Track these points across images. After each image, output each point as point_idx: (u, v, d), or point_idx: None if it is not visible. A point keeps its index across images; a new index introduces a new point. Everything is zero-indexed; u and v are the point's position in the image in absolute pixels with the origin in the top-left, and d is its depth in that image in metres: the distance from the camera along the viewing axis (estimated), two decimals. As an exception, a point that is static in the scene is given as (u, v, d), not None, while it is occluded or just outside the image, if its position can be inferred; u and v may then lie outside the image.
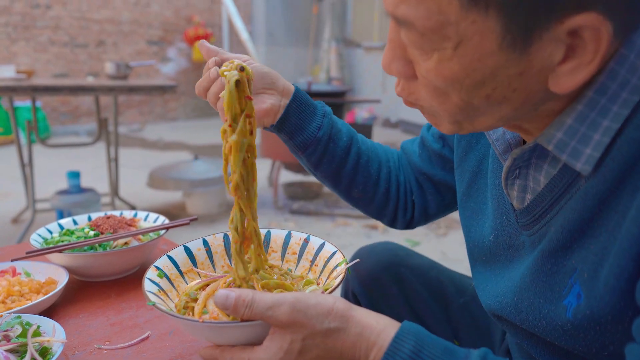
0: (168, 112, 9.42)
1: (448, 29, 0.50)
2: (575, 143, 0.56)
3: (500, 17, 0.47)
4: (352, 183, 0.96)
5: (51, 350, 0.75)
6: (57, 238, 1.12)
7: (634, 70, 0.52)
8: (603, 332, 0.56)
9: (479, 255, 0.79)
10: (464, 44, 0.50)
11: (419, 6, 0.49)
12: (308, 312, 0.61)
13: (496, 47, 0.49)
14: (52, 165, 5.27)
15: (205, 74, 0.84)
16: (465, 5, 0.47)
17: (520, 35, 0.48)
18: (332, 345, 0.62)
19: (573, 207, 0.59)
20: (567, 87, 0.51)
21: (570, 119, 0.55)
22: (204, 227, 3.61)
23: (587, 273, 0.57)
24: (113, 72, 3.60)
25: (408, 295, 1.06)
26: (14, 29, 7.50)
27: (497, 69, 0.51)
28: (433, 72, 0.54)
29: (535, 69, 0.51)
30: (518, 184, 0.67)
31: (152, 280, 0.79)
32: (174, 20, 9.15)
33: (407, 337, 0.59)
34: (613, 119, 0.53)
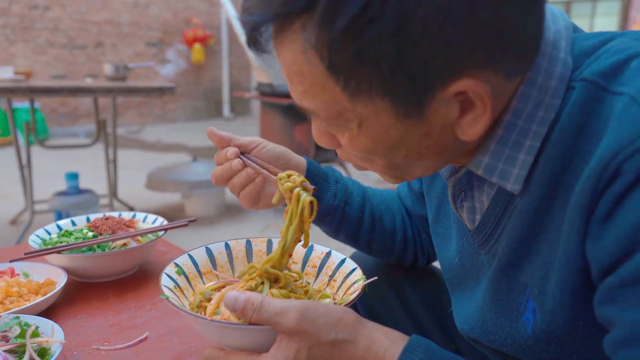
0: (167, 113, 9.42)
1: (347, 114, 0.54)
2: (502, 165, 0.58)
3: (385, 100, 0.52)
4: (371, 238, 0.98)
5: (50, 350, 0.75)
6: (56, 239, 1.12)
7: (546, 90, 0.55)
8: (562, 344, 0.58)
9: (450, 279, 0.81)
10: (365, 123, 0.55)
11: (316, 100, 0.55)
12: (316, 321, 0.60)
13: (393, 120, 0.53)
14: (51, 167, 5.27)
15: (226, 165, 0.83)
16: (352, 97, 0.52)
17: (410, 106, 0.52)
18: (338, 357, 0.61)
19: (513, 225, 0.61)
20: (473, 135, 0.55)
21: (494, 143, 0.58)
22: (202, 229, 3.61)
23: (537, 289, 0.59)
24: (112, 73, 3.61)
25: (404, 301, 1.06)
26: (12, 31, 7.50)
27: (402, 136, 0.55)
28: (349, 147, 0.59)
29: (438, 128, 0.54)
30: (466, 206, 0.68)
31: (169, 276, 0.80)
32: (173, 22, 9.16)
33: (416, 350, 0.59)
34: (534, 138, 0.56)
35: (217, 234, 3.53)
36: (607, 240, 0.47)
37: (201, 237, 3.42)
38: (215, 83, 10.09)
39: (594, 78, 0.52)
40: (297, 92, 0.56)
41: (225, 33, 9.16)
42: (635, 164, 0.45)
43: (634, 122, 0.46)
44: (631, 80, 0.49)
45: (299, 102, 0.57)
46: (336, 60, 0.49)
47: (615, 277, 0.47)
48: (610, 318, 0.48)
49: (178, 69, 9.08)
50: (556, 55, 0.55)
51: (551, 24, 0.57)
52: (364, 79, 0.50)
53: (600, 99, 0.51)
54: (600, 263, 0.48)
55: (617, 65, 0.52)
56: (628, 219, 0.45)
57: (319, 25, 0.48)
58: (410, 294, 1.06)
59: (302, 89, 0.55)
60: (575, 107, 0.53)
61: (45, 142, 4.28)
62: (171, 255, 1.23)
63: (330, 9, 0.46)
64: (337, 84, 0.52)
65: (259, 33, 0.53)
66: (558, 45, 0.56)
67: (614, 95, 0.50)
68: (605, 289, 0.48)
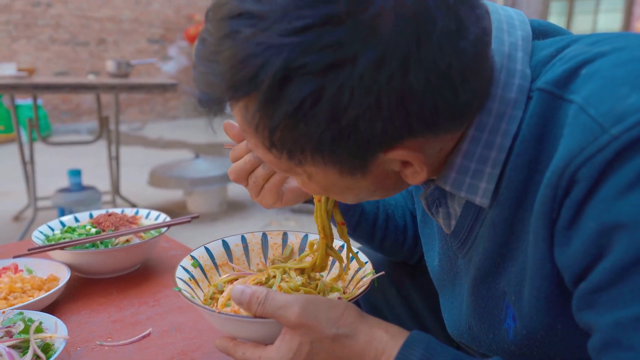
0: (169, 110, 9.43)
1: (296, 170, 0.56)
2: (469, 179, 0.58)
3: (328, 165, 0.53)
4: (385, 235, 0.98)
5: (53, 346, 0.75)
6: (59, 235, 1.12)
7: (506, 102, 0.55)
8: (544, 347, 0.59)
9: (435, 280, 0.81)
10: (313, 177, 0.57)
11: (265, 157, 0.56)
12: (318, 316, 0.62)
13: (339, 176, 0.56)
14: (54, 164, 5.28)
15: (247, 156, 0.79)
16: (297, 164, 0.54)
17: (353, 168, 0.54)
18: (340, 351, 0.62)
19: (486, 234, 0.61)
20: (417, 182, 0.57)
21: (460, 157, 0.58)
22: (205, 226, 3.61)
23: (514, 295, 0.59)
24: (114, 70, 3.61)
25: (406, 298, 1.07)
26: (15, 27, 7.50)
27: (350, 185, 0.58)
28: (303, 185, 0.62)
29: (382, 177, 0.57)
30: (442, 212, 0.69)
31: (184, 268, 0.81)
32: (175, 19, 9.15)
33: (416, 345, 0.60)
34: (499, 150, 0.56)
35: (220, 231, 3.53)
36: (573, 249, 0.48)
37: (203, 233, 3.43)
38: (217, 80, 10.08)
39: (548, 87, 0.53)
40: (250, 143, 0.58)
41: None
42: (587, 172, 0.46)
43: (582, 131, 0.47)
44: (580, 87, 0.50)
45: (253, 148, 0.58)
46: (277, 143, 0.52)
47: (589, 283, 0.47)
48: (590, 323, 0.49)
49: (180, 65, 9.07)
50: (513, 67, 0.56)
51: (506, 37, 0.57)
52: (305, 157, 0.52)
53: (555, 107, 0.52)
54: (571, 270, 0.49)
55: (568, 73, 0.52)
56: (590, 226, 0.46)
57: (259, 112, 0.50)
58: (412, 291, 1.06)
59: (253, 143, 0.56)
60: (534, 117, 0.54)
61: (48, 139, 4.29)
62: (174, 252, 1.23)
63: (267, 103, 0.48)
64: (281, 157, 0.54)
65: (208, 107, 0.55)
66: (514, 57, 0.56)
67: (567, 102, 0.51)
68: (581, 296, 0.49)
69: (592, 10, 8.64)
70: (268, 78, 0.46)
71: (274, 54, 0.46)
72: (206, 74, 0.51)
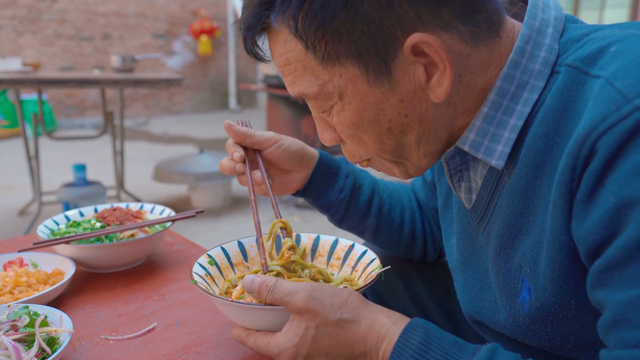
0: (173, 105, 9.43)
1: (328, 87, 0.61)
2: (487, 142, 0.61)
3: (353, 63, 0.58)
4: (377, 231, 1.00)
5: (58, 340, 0.75)
6: (64, 229, 1.13)
7: (530, 73, 0.59)
8: (558, 323, 0.59)
9: (453, 262, 0.82)
10: (345, 93, 0.61)
11: (302, 80, 0.62)
12: (323, 301, 0.65)
13: (367, 86, 0.59)
14: (58, 158, 5.29)
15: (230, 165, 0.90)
16: (326, 65, 0.60)
17: (378, 69, 0.58)
18: (343, 336, 0.64)
19: (505, 203, 0.63)
20: (441, 95, 0.59)
21: (479, 120, 0.62)
22: (209, 221, 3.62)
23: (529, 268, 0.61)
24: (119, 65, 3.61)
25: (414, 292, 1.07)
26: (20, 22, 7.51)
27: (380, 103, 0.60)
28: (340, 125, 0.65)
29: (411, 92, 0.59)
30: (464, 186, 0.71)
31: (201, 265, 0.85)
32: (180, 14, 9.14)
33: (417, 330, 0.61)
34: (518, 117, 0.59)
35: (224, 226, 3.54)
36: (590, 222, 0.49)
37: (208, 228, 3.44)
38: (221, 75, 10.09)
39: (576, 63, 0.56)
40: (289, 82, 0.65)
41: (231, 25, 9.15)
42: (607, 142, 0.46)
43: (605, 102, 0.48)
44: (608, 64, 0.52)
45: (293, 92, 0.65)
46: (301, 28, 0.57)
47: (603, 260, 0.48)
48: (601, 302, 0.49)
49: (185, 61, 9.07)
50: (541, 40, 0.60)
51: (540, 13, 0.61)
52: (329, 44, 0.57)
53: (581, 82, 0.54)
54: (587, 245, 0.50)
55: (597, 51, 0.54)
56: (609, 200, 0.46)
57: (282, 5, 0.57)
58: (418, 285, 1.07)
59: (291, 76, 0.63)
60: (559, 90, 0.56)
61: (53, 134, 4.30)
62: (178, 246, 1.23)
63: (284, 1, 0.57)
64: (310, 54, 0.59)
65: (252, 38, 0.64)
66: (544, 32, 0.60)
67: (593, 78, 0.52)
68: (595, 273, 0.49)
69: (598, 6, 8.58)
70: None
71: None
72: None
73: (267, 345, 0.68)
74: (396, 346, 0.60)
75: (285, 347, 0.66)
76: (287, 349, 0.66)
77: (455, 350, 0.58)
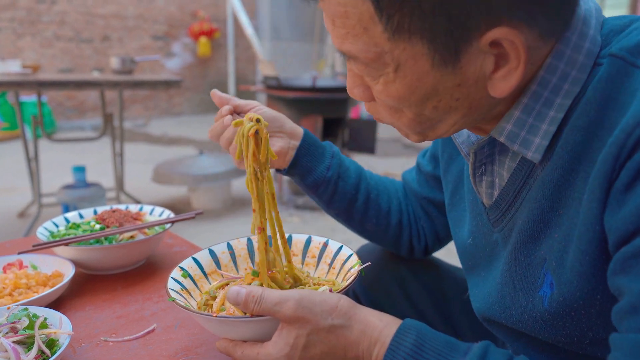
0: (173, 107, 9.43)
1: (385, 57, 0.56)
2: (524, 133, 0.59)
3: (424, 42, 0.53)
4: (365, 217, 0.99)
5: (58, 342, 0.75)
6: (64, 231, 1.13)
7: (573, 64, 0.56)
8: (579, 318, 0.58)
9: (465, 261, 0.82)
10: (402, 67, 0.56)
11: (358, 42, 0.56)
12: (313, 309, 0.64)
13: (429, 66, 0.55)
14: (58, 160, 5.29)
15: (219, 121, 0.90)
16: (392, 36, 0.54)
17: (447, 53, 0.53)
18: (335, 342, 0.64)
19: (534, 197, 0.61)
20: (504, 91, 0.56)
21: (518, 111, 0.59)
22: (209, 222, 3.62)
23: (555, 261, 0.59)
24: (118, 67, 3.61)
25: (409, 294, 1.07)
26: (19, 24, 7.51)
27: (436, 84, 0.56)
28: (383, 94, 0.60)
29: (471, 80, 0.56)
30: (485, 181, 0.69)
31: (175, 280, 0.82)
32: (179, 15, 9.15)
33: (409, 332, 0.61)
34: (558, 109, 0.57)
35: (224, 227, 3.54)
36: (625, 211, 0.48)
37: (207, 230, 3.44)
38: (221, 76, 10.08)
39: (621, 53, 0.54)
40: (339, 35, 0.57)
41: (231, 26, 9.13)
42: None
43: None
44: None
45: (339, 45, 0.58)
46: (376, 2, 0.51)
47: (630, 247, 0.47)
48: (621, 288, 0.49)
49: (184, 62, 9.07)
50: (586, 31, 0.57)
51: (582, 3, 0.58)
52: (405, 17, 0.51)
53: (627, 73, 0.52)
54: (618, 233, 0.49)
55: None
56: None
57: None
58: (413, 286, 1.07)
59: (344, 31, 0.56)
60: (602, 81, 0.54)
61: (53, 136, 4.30)
62: (178, 248, 1.23)
63: None
64: (379, 23, 0.53)
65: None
66: (588, 22, 0.57)
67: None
68: (619, 259, 0.49)
69: (597, 6, 8.58)
70: None
71: None
72: None
73: (256, 356, 0.66)
74: (389, 349, 0.60)
75: (275, 357, 0.64)
76: (278, 359, 0.64)
77: (448, 351, 0.58)
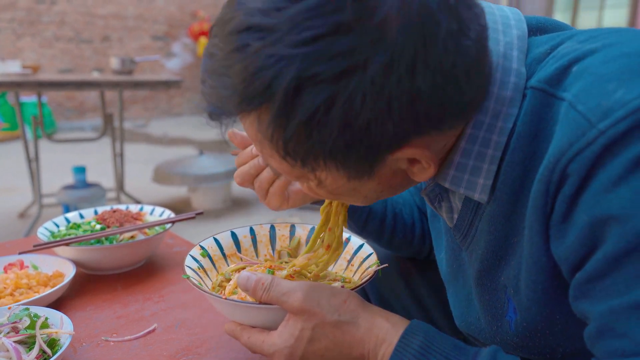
0: (173, 107, 9.43)
1: (307, 176, 0.57)
2: (468, 176, 0.60)
3: (338, 167, 0.54)
4: (394, 233, 0.99)
5: (59, 342, 0.75)
6: (64, 231, 1.13)
7: (502, 101, 0.56)
8: (545, 338, 0.60)
9: (443, 274, 0.82)
10: (323, 182, 0.58)
11: (277, 166, 0.58)
12: (321, 302, 0.64)
13: (346, 181, 0.57)
14: (58, 160, 5.29)
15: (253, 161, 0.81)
16: (308, 170, 0.55)
17: (360, 173, 0.55)
18: (341, 338, 0.63)
19: (486, 228, 0.62)
20: (424, 179, 0.58)
21: (458, 156, 0.59)
22: (209, 222, 3.62)
23: (512, 289, 0.61)
24: (118, 67, 3.61)
25: (414, 290, 1.07)
26: (19, 25, 7.52)
27: (357, 188, 0.59)
28: (314, 192, 0.63)
29: (389, 177, 0.58)
30: (445, 206, 0.70)
31: (193, 257, 0.83)
32: (179, 16, 9.15)
33: (416, 333, 0.60)
34: (495, 148, 0.58)
35: (224, 227, 3.53)
36: (569, 241, 0.50)
37: (208, 230, 3.44)
38: (221, 77, 10.08)
39: (540, 85, 0.55)
40: (261, 153, 0.58)
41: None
42: (577, 167, 0.47)
43: (571, 127, 0.48)
44: (571, 85, 0.51)
45: (265, 161, 0.60)
46: (292, 152, 0.52)
47: (584, 273, 0.49)
48: (585, 312, 0.50)
49: (184, 62, 9.07)
50: (509, 65, 0.57)
51: (502, 37, 0.58)
52: (319, 164, 0.53)
53: (548, 104, 0.53)
54: (568, 262, 0.51)
55: (560, 71, 0.53)
56: (583, 219, 0.47)
57: (273, 123, 0.50)
58: (419, 283, 1.07)
59: (265, 155, 0.58)
60: (527, 114, 0.55)
61: (53, 136, 4.31)
62: (178, 248, 1.24)
63: (281, 114, 0.49)
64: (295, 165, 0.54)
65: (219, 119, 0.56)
66: (510, 56, 0.58)
67: (559, 100, 0.52)
68: (576, 286, 0.50)
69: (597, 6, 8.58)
70: (281, 89, 0.47)
71: (286, 65, 0.46)
72: (216, 88, 0.51)
73: (261, 344, 0.67)
74: (395, 350, 0.60)
75: (280, 347, 0.65)
76: (282, 349, 0.64)
77: (456, 354, 0.58)
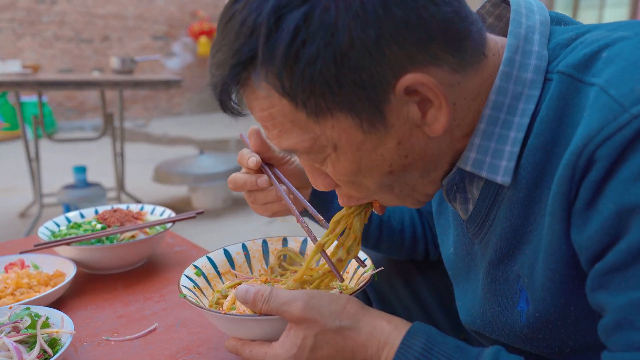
0: (173, 107, 9.43)
1: (320, 140, 0.57)
2: (490, 159, 0.59)
3: (345, 113, 0.54)
4: (379, 240, 0.98)
5: (60, 341, 0.75)
6: (65, 231, 1.13)
7: (523, 83, 0.57)
8: (556, 330, 0.59)
9: (450, 270, 0.81)
10: (339, 144, 0.57)
11: (291, 135, 0.58)
12: (321, 310, 0.63)
13: (362, 135, 0.56)
14: (59, 160, 5.29)
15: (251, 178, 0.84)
16: (317, 119, 0.55)
17: (371, 116, 0.54)
18: (343, 344, 0.63)
19: (504, 215, 0.62)
20: (440, 129, 0.56)
21: (478, 138, 0.59)
22: (209, 222, 3.62)
23: (527, 278, 0.60)
24: (118, 67, 3.61)
25: (415, 290, 1.07)
26: (19, 25, 7.52)
27: (377, 149, 0.57)
28: (336, 173, 0.61)
29: (407, 133, 0.56)
30: (459, 197, 0.69)
31: (188, 277, 0.83)
32: (179, 15, 9.14)
33: (418, 335, 0.60)
34: (517, 129, 0.57)
35: (224, 226, 3.54)
36: (591, 230, 0.49)
37: (208, 229, 3.44)
38: (221, 76, 10.08)
39: (568, 70, 0.54)
40: (274, 136, 0.60)
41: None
42: (606, 152, 0.46)
43: (602, 111, 0.48)
44: (602, 70, 0.51)
45: (278, 145, 0.60)
46: (288, 86, 0.53)
47: (604, 264, 0.48)
48: (602, 304, 0.49)
49: (184, 62, 9.07)
50: (529, 48, 0.58)
51: (524, 20, 0.59)
52: (319, 98, 0.53)
53: (576, 90, 0.53)
54: (588, 252, 0.50)
55: (589, 57, 0.53)
56: (608, 207, 0.47)
57: (264, 64, 0.53)
58: (420, 283, 1.07)
59: (277, 130, 0.58)
60: (553, 99, 0.55)
61: (53, 136, 4.31)
62: (179, 248, 1.24)
63: (268, 47, 0.51)
64: (299, 110, 0.55)
65: (227, 96, 0.59)
66: (530, 39, 0.58)
67: (588, 86, 0.51)
68: (595, 276, 0.49)
69: (598, 5, 8.57)
70: (264, 25, 0.51)
71: (262, 5, 0.51)
72: (217, 56, 0.56)
73: (263, 356, 0.66)
74: (398, 352, 0.60)
75: (283, 358, 0.64)
76: (286, 359, 0.64)
77: (458, 355, 0.58)
